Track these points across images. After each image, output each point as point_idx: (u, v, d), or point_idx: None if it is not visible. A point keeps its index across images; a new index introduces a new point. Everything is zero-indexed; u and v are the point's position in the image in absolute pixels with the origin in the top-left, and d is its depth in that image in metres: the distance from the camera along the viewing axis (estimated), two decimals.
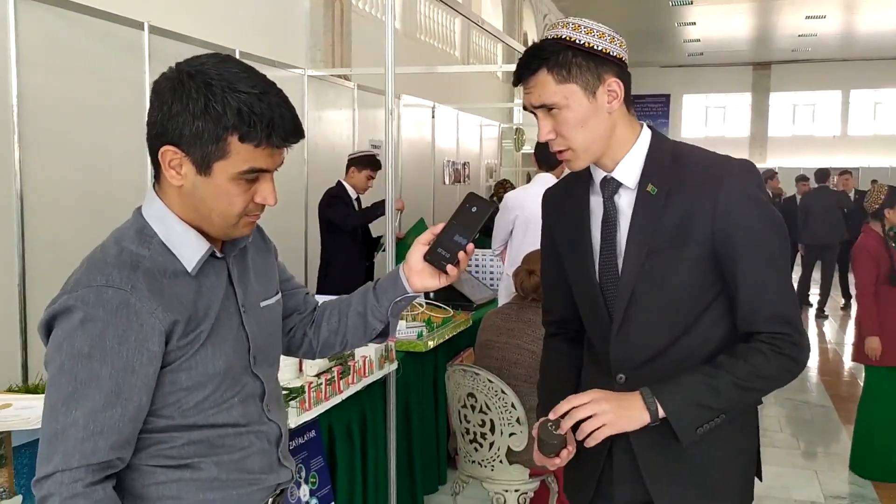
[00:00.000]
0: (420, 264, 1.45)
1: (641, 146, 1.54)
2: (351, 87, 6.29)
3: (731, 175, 1.48)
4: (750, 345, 1.48)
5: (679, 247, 1.48)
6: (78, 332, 1.18)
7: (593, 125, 1.49)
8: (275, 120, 1.21)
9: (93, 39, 3.70)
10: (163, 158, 1.24)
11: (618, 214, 1.54)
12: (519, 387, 3.05)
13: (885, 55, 22.83)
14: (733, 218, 1.46)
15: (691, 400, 1.44)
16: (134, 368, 1.19)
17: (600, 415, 1.43)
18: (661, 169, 1.51)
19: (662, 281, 1.50)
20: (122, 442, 1.20)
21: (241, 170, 1.22)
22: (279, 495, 1.47)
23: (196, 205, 1.27)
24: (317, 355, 1.60)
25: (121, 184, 3.86)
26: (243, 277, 1.38)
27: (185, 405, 1.28)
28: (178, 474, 1.29)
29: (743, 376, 1.45)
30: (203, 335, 1.27)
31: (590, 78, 1.47)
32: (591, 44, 1.48)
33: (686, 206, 1.48)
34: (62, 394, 1.18)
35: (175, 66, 1.26)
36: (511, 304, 3.28)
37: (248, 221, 1.30)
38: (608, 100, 1.49)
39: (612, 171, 1.54)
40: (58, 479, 1.16)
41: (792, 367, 1.49)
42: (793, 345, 1.47)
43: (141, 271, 1.22)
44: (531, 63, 1.49)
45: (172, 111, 1.21)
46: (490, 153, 10.07)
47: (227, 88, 1.19)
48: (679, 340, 1.53)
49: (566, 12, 18.15)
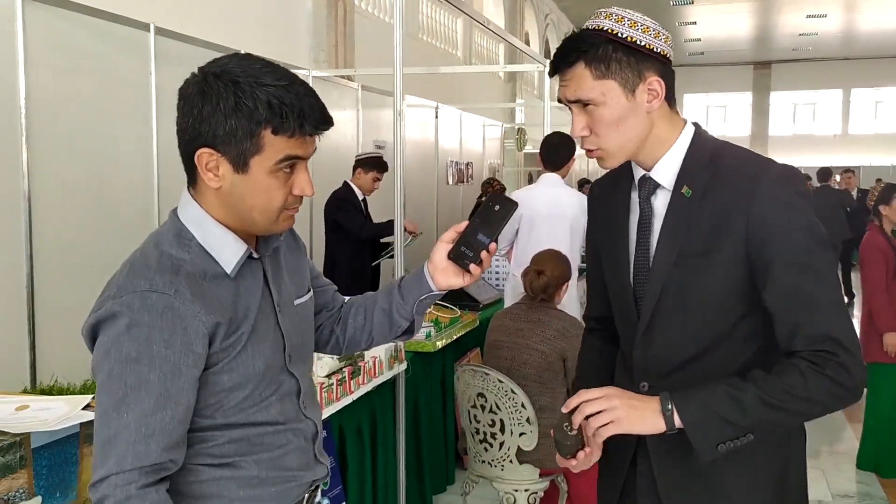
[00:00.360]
0: (444, 262, 1.43)
1: (681, 145, 1.46)
2: (355, 87, 6.29)
3: (768, 178, 1.37)
4: (789, 360, 1.34)
5: (709, 253, 1.39)
6: (125, 337, 1.19)
7: (629, 125, 1.42)
8: (304, 109, 1.23)
9: (99, 40, 3.70)
10: (199, 161, 1.25)
11: (653, 216, 1.48)
12: (528, 387, 3.05)
13: (885, 54, 22.82)
14: (768, 224, 1.35)
15: (711, 411, 1.32)
16: (181, 371, 1.21)
17: (609, 411, 1.34)
18: (698, 170, 1.43)
19: (691, 288, 1.42)
20: (172, 444, 1.21)
21: (277, 159, 1.24)
22: (314, 491, 1.48)
23: (235, 204, 1.27)
24: (343, 351, 1.61)
25: (128, 184, 3.86)
26: (277, 277, 1.40)
27: (226, 405, 1.29)
28: (220, 472, 1.31)
29: (773, 393, 1.30)
30: (244, 336, 1.28)
31: (629, 75, 1.39)
32: (634, 38, 1.38)
33: (719, 209, 1.39)
34: (113, 399, 1.19)
35: (198, 69, 1.27)
36: (520, 305, 3.28)
37: (287, 215, 1.31)
38: (648, 99, 1.41)
39: (651, 170, 1.47)
40: (112, 481, 1.17)
41: (837, 392, 1.31)
42: (838, 365, 1.30)
43: (183, 275, 1.23)
44: (568, 55, 1.41)
45: (204, 113, 1.22)
46: (493, 153, 10.06)
47: (254, 84, 1.21)
48: (708, 352, 1.43)
49: (567, 12, 18.16)
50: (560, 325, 3.13)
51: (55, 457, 1.60)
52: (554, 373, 3.10)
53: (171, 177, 3.96)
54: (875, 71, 23.79)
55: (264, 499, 1.36)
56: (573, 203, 4.30)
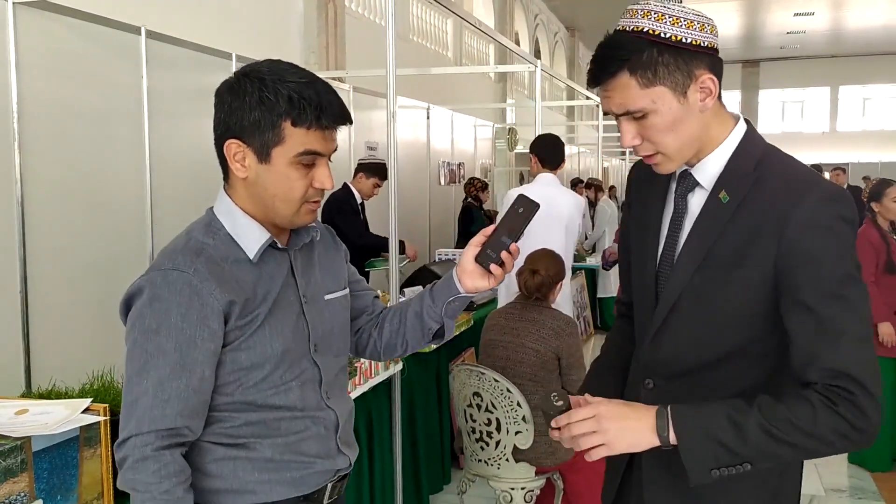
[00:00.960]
0: (471, 265, 1.47)
1: (729, 146, 1.37)
2: (346, 88, 6.29)
3: (811, 198, 1.26)
4: (800, 391, 1.24)
5: (735, 267, 1.31)
6: (147, 310, 1.31)
7: (685, 127, 1.32)
8: (322, 104, 1.33)
9: (90, 44, 3.69)
10: (228, 152, 1.36)
11: (686, 214, 1.40)
12: (524, 386, 3.07)
13: (873, 51, 22.98)
14: (802, 247, 1.25)
15: (707, 433, 1.24)
16: (196, 343, 1.31)
17: (600, 433, 1.28)
18: (740, 176, 1.33)
19: (710, 298, 1.34)
20: (188, 411, 1.31)
21: (298, 152, 1.34)
22: (339, 481, 1.53)
23: (260, 193, 1.38)
24: (381, 356, 1.68)
25: (120, 188, 3.85)
26: (308, 270, 1.49)
27: (245, 383, 1.38)
28: (235, 452, 1.39)
29: (777, 423, 1.21)
30: (260, 317, 1.37)
31: (679, 77, 1.29)
32: (679, 36, 1.28)
33: (754, 223, 1.30)
34: (136, 366, 1.31)
35: (234, 72, 1.39)
36: (515, 304, 3.30)
37: (309, 208, 1.40)
38: (701, 97, 1.31)
39: (693, 167, 1.39)
40: (132, 442, 1.29)
41: (846, 432, 1.21)
42: (852, 405, 1.20)
43: (203, 257, 1.35)
44: (609, 65, 1.30)
45: (232, 107, 1.34)
46: (485, 153, 10.07)
47: (277, 80, 1.32)
48: (718, 364, 1.37)
49: (557, 12, 18.20)
50: (555, 323, 3.15)
51: (56, 460, 1.60)
52: (549, 371, 3.12)
53: (163, 180, 3.97)
54: (862, 68, 23.96)
55: (281, 483, 1.42)
56: (569, 203, 4.32)
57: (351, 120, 1.40)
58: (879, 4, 17.25)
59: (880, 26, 19.59)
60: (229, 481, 1.39)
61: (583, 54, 20.79)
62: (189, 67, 4.17)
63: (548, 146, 4.36)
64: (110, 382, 1.98)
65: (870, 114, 24.97)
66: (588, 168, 15.33)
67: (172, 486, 1.28)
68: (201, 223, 1.43)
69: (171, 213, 3.89)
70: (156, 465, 1.27)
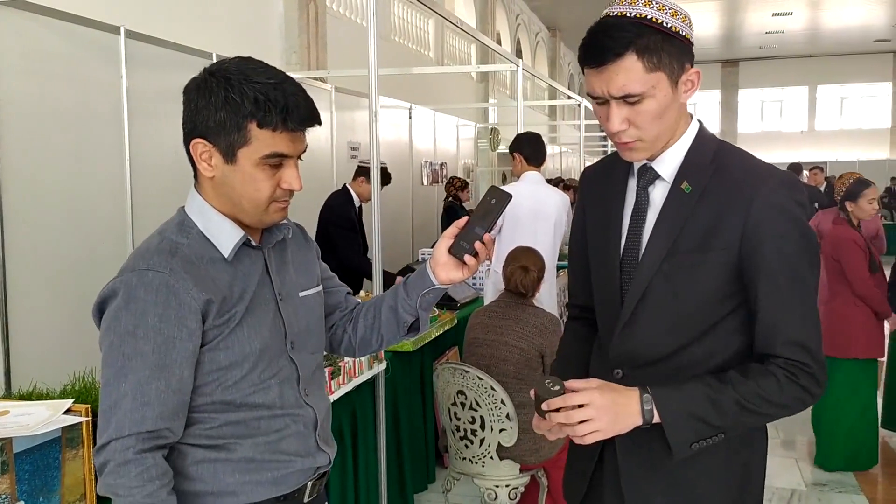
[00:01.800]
0: (445, 257, 1.47)
1: (686, 140, 1.44)
2: (328, 88, 6.28)
3: (768, 185, 1.36)
4: (765, 366, 1.36)
5: (702, 252, 1.38)
6: (123, 312, 1.29)
7: (668, 116, 1.38)
8: (289, 105, 1.31)
9: (69, 44, 3.66)
10: (194, 151, 1.35)
11: (648, 207, 1.46)
12: (507, 384, 3.08)
13: (850, 50, 23.25)
14: (763, 230, 1.35)
15: (690, 411, 1.34)
16: (174, 343, 1.30)
17: (594, 421, 1.32)
18: (700, 167, 1.41)
19: (678, 285, 1.40)
20: (168, 413, 1.30)
21: (263, 154, 1.32)
22: (319, 479, 1.52)
23: (228, 193, 1.37)
24: (357, 352, 1.67)
25: (100, 188, 3.82)
26: (282, 268, 1.48)
27: (224, 383, 1.36)
28: (215, 454, 1.38)
29: (749, 397, 1.34)
30: (237, 316, 1.36)
31: (675, 66, 1.35)
32: (678, 28, 1.34)
33: (717, 210, 1.38)
34: (113, 369, 1.29)
35: (203, 69, 1.37)
36: (499, 302, 3.31)
37: (278, 207, 1.39)
38: (685, 89, 1.38)
39: (653, 161, 1.45)
40: (112, 447, 1.27)
41: (804, 398, 1.37)
42: (810, 375, 1.36)
43: (178, 256, 1.33)
44: (615, 46, 1.31)
45: (198, 106, 1.33)
46: (467, 153, 10.09)
47: (243, 81, 1.31)
48: (687, 348, 1.43)
49: (538, 13, 18.25)
50: (538, 321, 3.17)
51: (37, 461, 1.59)
52: (532, 369, 3.13)
53: (143, 181, 3.94)
54: (840, 68, 24.23)
55: (261, 483, 1.41)
56: (556, 201, 4.34)
57: (320, 121, 1.38)
58: (855, 4, 17.45)
59: (857, 26, 19.82)
60: (210, 483, 1.37)
61: (564, 54, 20.87)
62: (169, 67, 4.14)
63: (531, 144, 4.38)
64: (91, 383, 1.97)
65: (847, 113, 25.24)
66: (570, 167, 15.39)
67: (156, 490, 1.26)
68: (173, 223, 1.41)
69: (152, 214, 3.86)
70: (138, 469, 1.26)
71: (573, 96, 9.15)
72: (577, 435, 1.34)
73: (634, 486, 1.48)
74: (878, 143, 24.19)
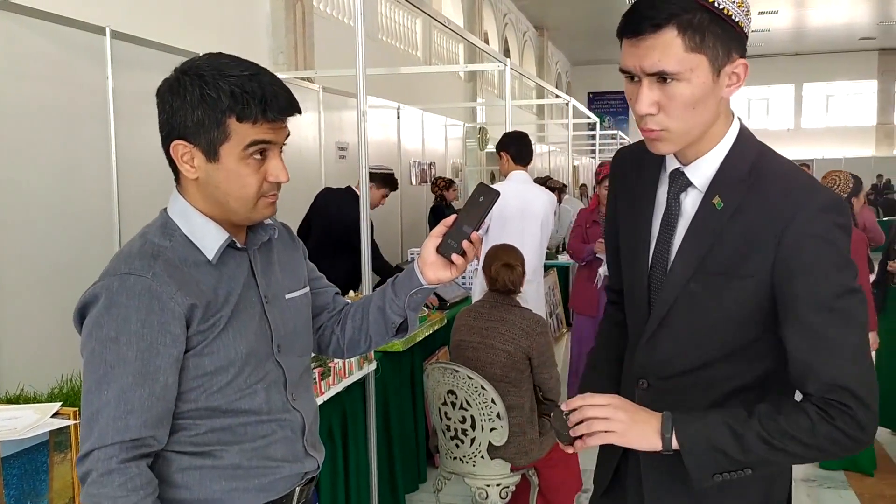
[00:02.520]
0: (433, 256, 1.45)
1: (725, 145, 1.33)
2: (316, 89, 6.27)
3: (807, 210, 1.24)
4: (799, 403, 1.25)
5: (729, 277, 1.30)
6: (105, 318, 1.26)
7: (704, 109, 1.26)
8: (267, 96, 1.29)
9: (55, 45, 3.64)
10: (175, 153, 1.32)
11: (679, 216, 1.37)
12: (496, 387, 3.05)
13: (835, 48, 23.40)
14: (800, 258, 1.23)
15: (708, 441, 1.25)
16: (158, 350, 1.26)
17: (613, 421, 1.28)
18: (735, 180, 1.30)
19: (705, 305, 1.33)
20: (152, 420, 1.26)
21: (244, 145, 1.29)
22: (307, 485, 1.50)
23: (213, 193, 1.33)
24: (345, 354, 1.65)
25: (86, 190, 3.80)
26: (267, 270, 1.44)
27: (209, 389, 1.33)
28: (201, 461, 1.34)
29: (775, 434, 1.23)
30: (223, 320, 1.33)
31: (720, 52, 1.22)
32: (730, 11, 1.21)
33: (749, 232, 1.27)
34: (95, 377, 1.25)
35: (174, 69, 1.34)
36: (484, 303, 3.29)
37: (266, 202, 1.36)
38: (728, 83, 1.26)
39: (687, 166, 1.35)
40: (95, 456, 1.23)
41: (843, 442, 1.22)
42: (849, 418, 1.21)
43: (161, 260, 1.30)
44: (656, 16, 1.20)
45: (174, 107, 1.30)
46: (455, 153, 10.09)
47: (217, 76, 1.28)
48: (713, 365, 1.36)
49: (526, 12, 18.28)
50: (524, 323, 3.13)
51: (25, 465, 1.58)
52: (520, 372, 3.11)
53: (130, 182, 3.92)
54: (825, 66, 24.41)
55: (248, 490, 1.38)
56: (543, 201, 4.34)
57: (299, 110, 1.35)
58: (840, 2, 17.56)
59: (842, 24, 19.96)
60: (196, 491, 1.34)
61: (552, 53, 20.91)
62: (155, 68, 4.09)
63: (518, 143, 4.37)
64: (79, 387, 1.95)
65: (833, 110, 25.42)
66: (558, 166, 15.41)
67: (140, 499, 1.23)
68: (156, 225, 1.38)
69: (139, 215, 3.81)
70: (122, 479, 1.22)
71: (561, 95, 9.17)
72: (592, 429, 1.30)
73: (656, 493, 1.44)
74: (863, 140, 24.38)
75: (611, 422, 1.29)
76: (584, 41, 20.86)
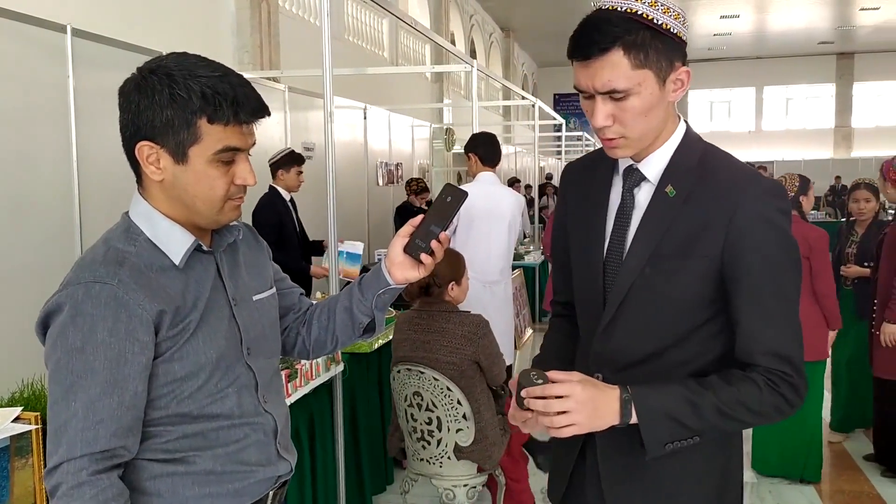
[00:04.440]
0: (400, 256, 1.45)
1: (674, 141, 1.43)
2: (282, 88, 6.23)
3: (752, 194, 1.35)
4: (746, 374, 1.36)
5: (684, 257, 1.38)
6: (70, 327, 1.23)
7: (655, 115, 1.36)
8: (238, 97, 1.27)
9: (14, 43, 3.57)
10: (140, 154, 1.29)
11: (634, 208, 1.45)
12: None
13: (794, 52, 23.85)
14: (746, 240, 1.34)
15: (666, 411, 1.33)
16: (126, 358, 1.24)
17: (572, 413, 1.31)
18: (685, 171, 1.40)
19: (660, 289, 1.40)
20: (122, 430, 1.24)
21: (216, 150, 1.27)
22: (280, 488, 1.49)
23: (179, 195, 1.31)
24: (311, 355, 1.63)
25: (46, 190, 3.74)
26: (234, 272, 1.42)
27: (180, 395, 1.31)
28: (173, 468, 1.32)
29: (729, 403, 1.33)
30: (192, 325, 1.31)
31: (664, 64, 1.32)
32: (669, 25, 1.31)
33: (700, 216, 1.37)
34: (62, 388, 1.22)
35: (137, 68, 1.30)
36: (420, 313, 3.16)
37: (233, 206, 1.34)
38: (674, 88, 1.36)
39: (639, 162, 1.44)
40: (64, 468, 1.20)
41: (783, 408, 1.36)
42: (790, 385, 1.35)
43: (126, 266, 1.27)
44: (601, 40, 1.29)
45: (141, 107, 1.26)
46: (422, 153, 10.09)
47: (188, 76, 1.25)
48: (666, 352, 1.43)
49: (492, 13, 18.34)
50: (463, 329, 3.05)
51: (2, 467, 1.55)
52: (470, 378, 3.05)
53: (91, 182, 3.86)
54: (785, 69, 24.86)
55: (222, 495, 1.36)
56: (511, 202, 4.35)
57: (269, 112, 1.34)
58: (800, 7, 17.92)
59: (801, 29, 20.36)
60: (168, 498, 1.32)
61: (518, 54, 21.01)
62: (117, 67, 4.04)
63: (486, 144, 4.37)
64: (41, 391, 1.92)
65: (792, 113, 25.91)
66: (525, 167, 15.50)
67: None
68: (119, 230, 1.34)
69: (101, 216, 3.79)
70: (93, 491, 1.19)
71: (527, 97, 9.22)
72: (554, 426, 1.32)
73: (615, 488, 1.48)
74: (822, 142, 24.89)
75: (571, 415, 1.31)
76: (550, 43, 20.99)
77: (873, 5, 17.63)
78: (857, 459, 4.50)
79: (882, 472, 4.29)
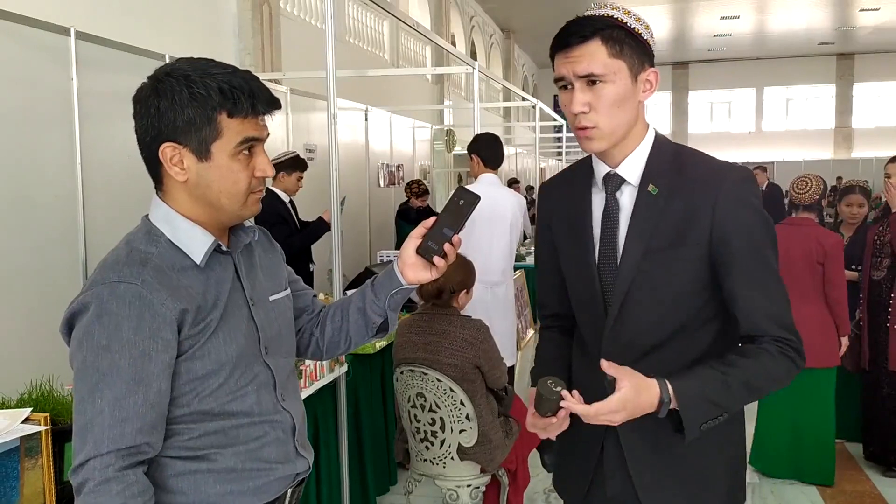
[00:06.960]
0: (413, 258, 1.48)
1: (646, 145, 1.55)
2: (284, 90, 6.24)
3: (729, 181, 1.48)
4: (758, 346, 1.48)
5: (676, 247, 1.49)
6: (95, 326, 1.26)
7: (627, 108, 1.48)
8: (254, 90, 1.32)
9: (18, 46, 3.58)
10: (163, 156, 1.32)
11: (619, 210, 1.55)
12: None
13: (794, 53, 23.83)
14: (730, 223, 1.47)
15: (704, 395, 1.43)
16: (150, 356, 1.27)
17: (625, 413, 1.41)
18: (663, 170, 1.52)
19: (658, 280, 1.50)
20: (147, 427, 1.27)
21: (237, 142, 1.32)
22: (298, 486, 1.51)
23: (204, 193, 1.34)
24: (324, 355, 1.66)
25: (51, 193, 3.75)
26: (251, 273, 1.46)
27: (202, 393, 1.34)
28: (196, 465, 1.35)
29: (754, 376, 1.46)
30: (213, 323, 1.34)
31: (636, 61, 1.47)
32: (640, 31, 1.48)
33: (685, 207, 1.49)
34: (88, 386, 1.25)
35: (148, 76, 1.34)
36: (423, 315, 3.20)
37: (255, 199, 1.39)
38: (644, 88, 1.50)
39: (617, 166, 1.54)
40: (91, 465, 1.23)
41: (792, 370, 1.49)
42: (795, 350, 1.48)
43: (150, 267, 1.30)
44: (583, 30, 1.45)
45: (161, 109, 1.30)
46: (423, 155, 10.09)
47: (203, 75, 1.31)
48: (673, 339, 1.53)
49: (493, 14, 18.35)
50: (464, 333, 3.08)
51: (7, 468, 1.56)
52: (471, 382, 3.07)
53: (95, 184, 3.87)
54: (785, 70, 24.84)
55: (243, 493, 1.39)
56: (512, 203, 4.35)
57: (280, 104, 1.40)
58: (800, 8, 17.92)
59: (802, 29, 20.35)
60: (191, 496, 1.35)
61: (518, 56, 21.02)
62: (120, 69, 4.07)
63: (489, 146, 4.36)
64: (49, 391, 1.93)
65: (792, 114, 25.90)
66: (525, 168, 15.51)
67: None
68: (140, 232, 1.38)
69: (104, 218, 3.80)
70: (119, 486, 1.22)
71: (528, 98, 9.23)
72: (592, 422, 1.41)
73: (642, 469, 1.55)
74: (822, 143, 24.87)
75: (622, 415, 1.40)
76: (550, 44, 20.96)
77: (873, 6, 17.63)
78: (858, 460, 4.51)
79: (883, 471, 4.30)
